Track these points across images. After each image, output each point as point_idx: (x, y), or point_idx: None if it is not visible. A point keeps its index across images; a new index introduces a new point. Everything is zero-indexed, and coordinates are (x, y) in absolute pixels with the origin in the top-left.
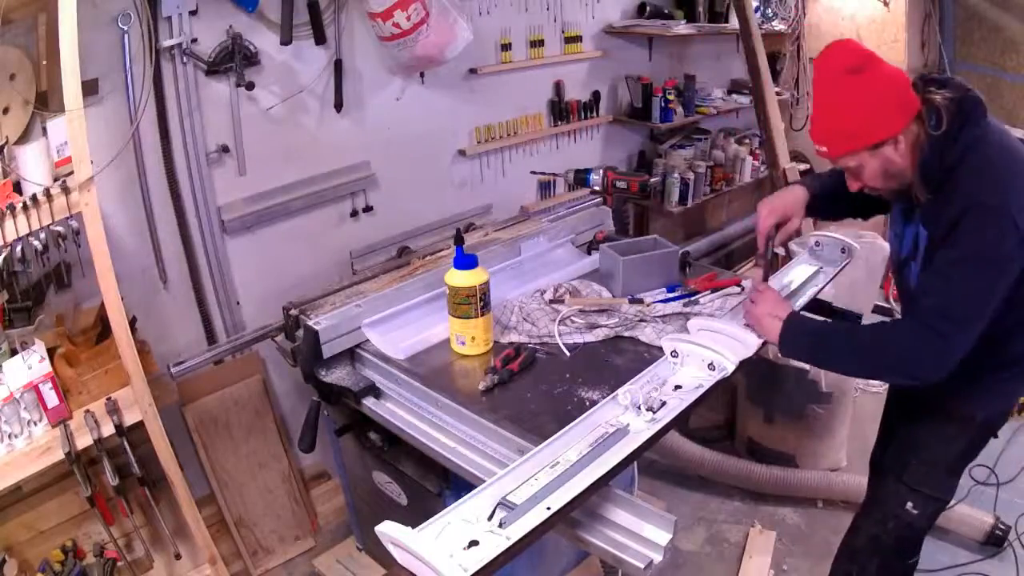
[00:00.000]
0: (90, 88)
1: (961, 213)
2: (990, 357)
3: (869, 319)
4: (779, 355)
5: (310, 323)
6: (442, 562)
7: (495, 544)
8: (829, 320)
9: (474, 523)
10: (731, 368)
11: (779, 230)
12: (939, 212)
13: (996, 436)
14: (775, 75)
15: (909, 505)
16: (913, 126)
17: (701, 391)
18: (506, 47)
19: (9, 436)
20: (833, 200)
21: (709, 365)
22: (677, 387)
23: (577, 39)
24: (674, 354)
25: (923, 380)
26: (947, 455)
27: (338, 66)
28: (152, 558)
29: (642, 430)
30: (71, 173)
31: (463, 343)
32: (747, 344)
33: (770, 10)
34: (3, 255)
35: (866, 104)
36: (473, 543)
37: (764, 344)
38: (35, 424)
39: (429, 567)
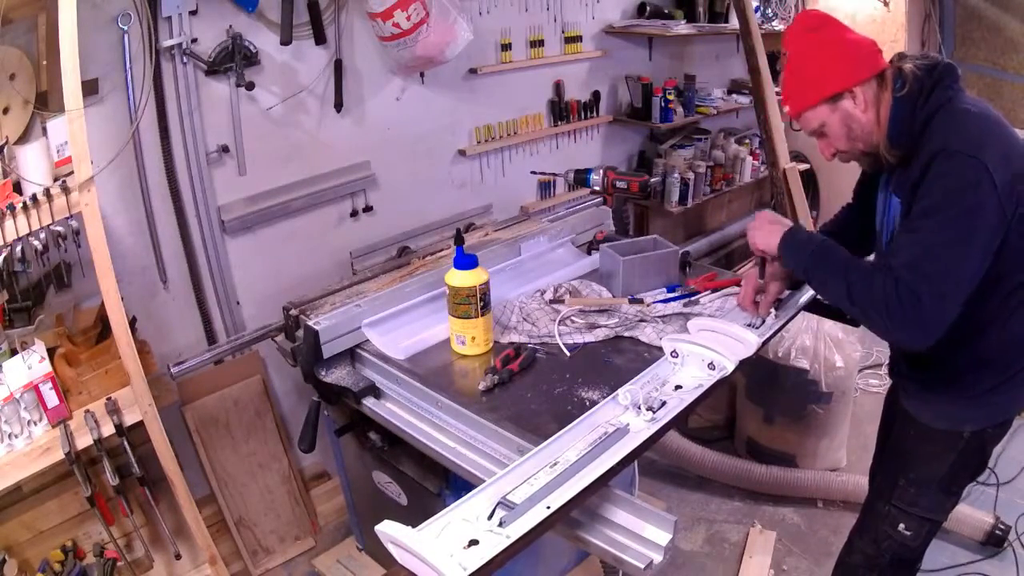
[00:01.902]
0: (90, 88)
1: (929, 159)
2: (969, 357)
3: None
4: (783, 354)
5: (310, 323)
6: (442, 561)
7: (495, 543)
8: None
9: (474, 522)
10: (731, 368)
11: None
12: (909, 175)
13: (985, 452)
14: (775, 75)
15: (901, 527)
16: (873, 83)
17: (701, 391)
18: (506, 47)
19: (9, 436)
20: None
21: (709, 365)
22: (677, 387)
23: (577, 39)
24: (674, 354)
25: (900, 341)
26: (937, 473)
27: (338, 66)
28: (152, 558)
29: (642, 430)
30: (71, 173)
31: (463, 343)
32: (747, 344)
33: (770, 10)
34: (3, 255)
35: (821, 57)
36: (473, 542)
37: (764, 344)
38: (35, 424)
39: (429, 566)
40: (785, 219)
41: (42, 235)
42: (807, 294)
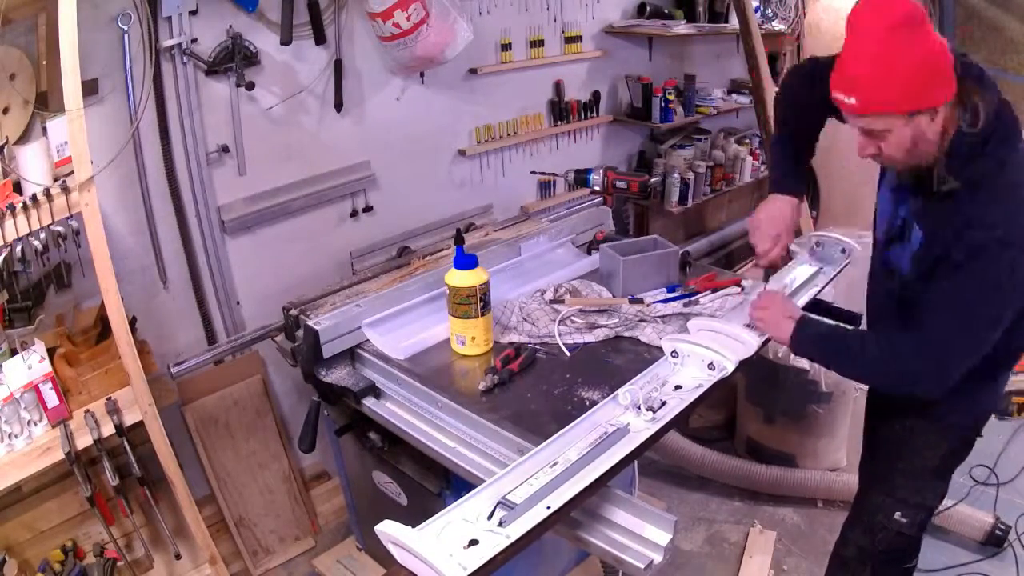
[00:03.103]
0: (90, 88)
1: (981, 245)
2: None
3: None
4: (784, 354)
5: (310, 323)
6: (442, 561)
7: (495, 543)
8: (839, 325)
9: (474, 522)
10: (731, 368)
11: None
12: (945, 220)
13: (981, 435)
14: (775, 75)
15: (898, 515)
16: (951, 105)
17: (701, 391)
18: (506, 47)
19: (9, 436)
20: (807, 173)
21: (709, 365)
22: (677, 387)
23: (577, 39)
24: (674, 354)
25: (924, 395)
26: (931, 460)
27: (338, 66)
28: (152, 558)
29: (642, 430)
30: (71, 173)
31: (463, 343)
32: (747, 344)
33: (770, 10)
34: (3, 255)
35: (918, 64)
36: (473, 542)
37: (764, 344)
38: (35, 424)
39: (429, 566)
40: (792, 304)
41: (42, 235)
42: (807, 295)
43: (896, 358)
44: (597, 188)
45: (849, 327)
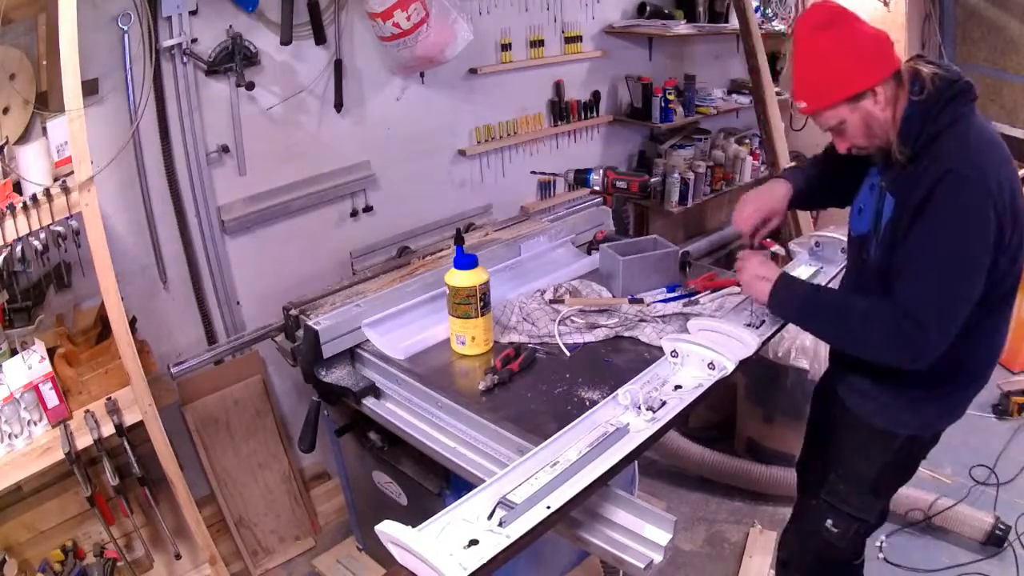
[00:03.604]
0: (90, 88)
1: (939, 177)
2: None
3: None
4: (783, 354)
5: (310, 323)
6: (442, 561)
7: (495, 543)
8: (820, 286)
9: (474, 522)
10: (731, 368)
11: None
12: (911, 179)
13: (917, 459)
14: (775, 75)
15: (829, 523)
16: (892, 82)
17: (701, 391)
18: (506, 47)
19: (9, 436)
20: (815, 192)
21: (709, 365)
22: (677, 387)
23: (577, 39)
24: (674, 354)
25: (903, 366)
26: (868, 472)
27: (338, 66)
28: (152, 558)
29: (642, 430)
30: (71, 173)
31: (463, 343)
32: (747, 344)
33: (770, 10)
34: (3, 255)
35: (842, 56)
36: (473, 542)
37: (764, 343)
38: (35, 424)
39: (429, 566)
40: (771, 265)
41: (42, 235)
42: None
43: (872, 327)
44: (597, 188)
45: (831, 288)
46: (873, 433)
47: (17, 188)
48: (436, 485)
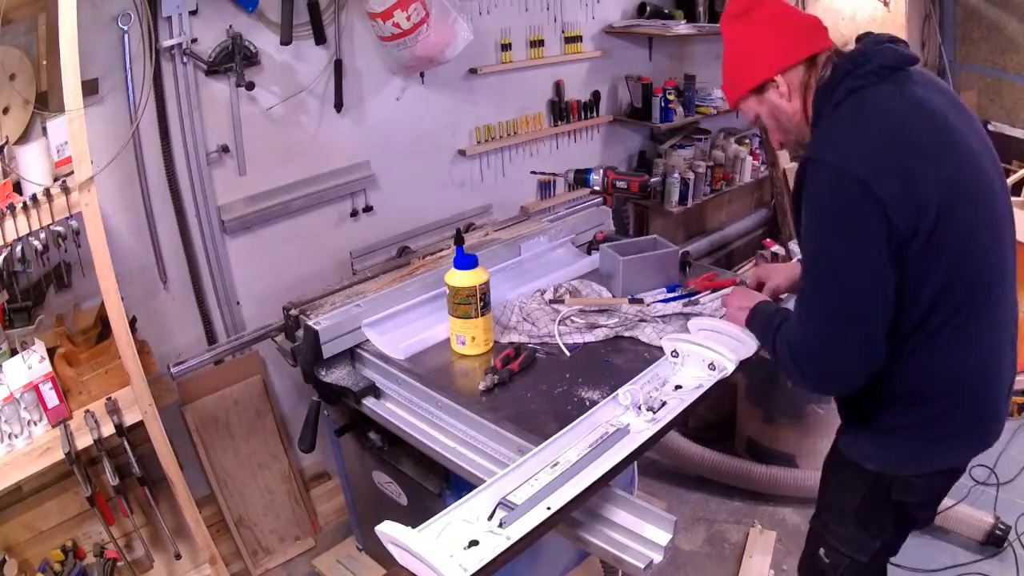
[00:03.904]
0: (90, 88)
1: (801, 174)
2: (874, 392)
3: None
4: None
5: (310, 323)
6: (442, 562)
7: (495, 544)
8: (781, 309)
9: (474, 523)
10: (731, 368)
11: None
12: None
13: (890, 498)
14: None
15: (821, 552)
16: (800, 69)
17: (701, 391)
18: (506, 47)
19: (9, 436)
20: None
21: (709, 365)
22: (677, 387)
23: (577, 39)
24: (675, 354)
25: (820, 392)
26: (848, 505)
27: (338, 66)
28: (152, 558)
29: (642, 430)
30: (71, 173)
31: (463, 343)
32: (747, 344)
33: None
34: (3, 255)
35: (748, 44)
36: (473, 543)
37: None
38: (35, 424)
39: (429, 567)
40: (753, 295)
41: (42, 235)
42: None
43: (787, 347)
44: (597, 188)
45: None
46: (848, 465)
47: (17, 188)
48: (436, 485)
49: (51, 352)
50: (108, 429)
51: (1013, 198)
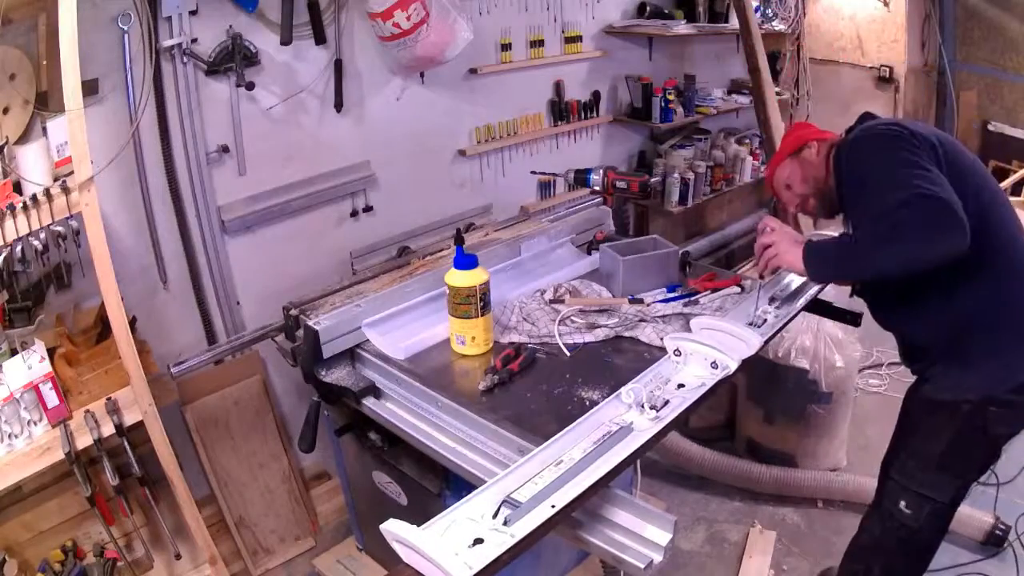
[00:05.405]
0: (90, 88)
1: (849, 148)
2: (952, 321)
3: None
4: (783, 354)
5: (310, 323)
6: (447, 560)
7: (499, 542)
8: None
9: (479, 521)
10: (734, 366)
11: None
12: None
13: (986, 432)
14: (775, 75)
15: (902, 504)
16: (827, 145)
17: (704, 389)
18: (506, 47)
19: (9, 436)
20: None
21: (712, 364)
22: (680, 386)
23: (577, 39)
24: (677, 353)
25: (955, 244)
26: (934, 447)
27: (338, 66)
28: (152, 558)
29: (646, 428)
30: (71, 173)
31: (463, 343)
32: (750, 343)
33: (770, 10)
34: (3, 255)
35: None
36: (478, 541)
37: (766, 343)
38: (35, 424)
39: (435, 565)
40: (796, 234)
41: (42, 235)
42: (807, 294)
43: (903, 220)
44: (597, 188)
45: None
46: (940, 407)
47: (17, 188)
48: (436, 485)
49: (51, 352)
50: (108, 429)
51: (1013, 198)
